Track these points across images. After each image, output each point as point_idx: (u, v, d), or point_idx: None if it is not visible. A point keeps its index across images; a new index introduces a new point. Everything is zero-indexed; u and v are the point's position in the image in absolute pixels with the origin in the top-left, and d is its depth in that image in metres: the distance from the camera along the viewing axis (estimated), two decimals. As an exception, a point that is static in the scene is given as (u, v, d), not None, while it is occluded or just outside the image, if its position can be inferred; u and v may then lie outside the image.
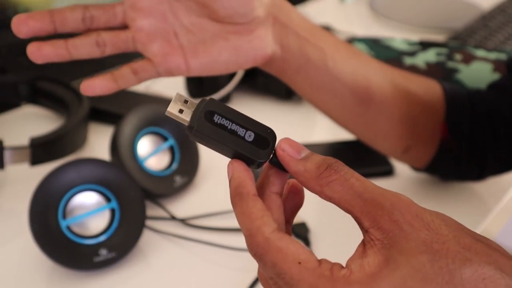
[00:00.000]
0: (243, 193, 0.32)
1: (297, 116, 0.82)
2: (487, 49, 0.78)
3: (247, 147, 0.33)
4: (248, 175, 0.33)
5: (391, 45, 0.79)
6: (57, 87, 0.77)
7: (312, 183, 0.32)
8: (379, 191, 0.31)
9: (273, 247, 0.30)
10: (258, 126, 0.34)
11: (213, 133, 0.33)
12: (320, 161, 0.32)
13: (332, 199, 0.32)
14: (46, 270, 0.55)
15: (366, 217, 0.30)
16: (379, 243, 0.30)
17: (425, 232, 0.29)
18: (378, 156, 0.71)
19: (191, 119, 0.33)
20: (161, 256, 0.57)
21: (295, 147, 0.33)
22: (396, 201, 0.30)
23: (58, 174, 0.54)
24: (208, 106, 0.33)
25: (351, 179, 0.31)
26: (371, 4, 1.23)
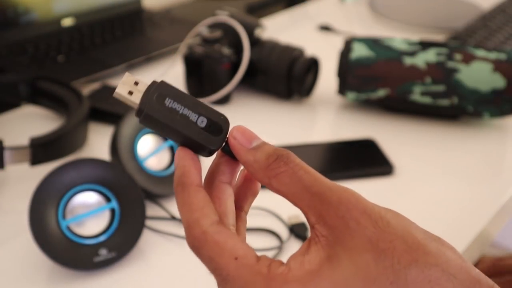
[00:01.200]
0: (186, 183, 0.30)
1: (297, 116, 0.82)
2: (487, 49, 0.78)
3: (198, 133, 0.31)
4: (193, 164, 0.31)
5: (391, 45, 0.79)
6: (57, 87, 0.77)
7: (261, 174, 0.31)
8: (328, 185, 0.29)
9: (210, 241, 0.29)
10: (211, 112, 0.32)
11: (163, 117, 0.31)
12: (271, 151, 0.31)
13: (280, 192, 0.30)
14: (46, 270, 0.55)
15: (312, 211, 0.29)
16: (323, 240, 0.28)
17: (371, 229, 0.28)
18: (378, 156, 0.71)
19: (141, 101, 0.31)
20: (161, 256, 0.57)
21: (247, 135, 0.32)
22: (344, 196, 0.29)
23: (58, 174, 0.54)
24: (160, 88, 0.31)
25: (299, 172, 0.30)
26: (371, 4, 1.23)
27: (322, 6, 1.25)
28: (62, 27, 1.00)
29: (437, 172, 0.71)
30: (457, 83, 0.76)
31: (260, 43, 0.84)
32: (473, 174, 0.70)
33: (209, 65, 0.80)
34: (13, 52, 0.92)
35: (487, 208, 0.65)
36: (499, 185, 0.68)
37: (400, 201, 0.65)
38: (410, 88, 0.77)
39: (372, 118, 0.82)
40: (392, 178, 0.69)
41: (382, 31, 1.12)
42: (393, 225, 0.28)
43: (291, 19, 1.18)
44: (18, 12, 0.95)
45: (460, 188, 0.68)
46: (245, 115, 0.82)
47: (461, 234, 0.61)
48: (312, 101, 0.86)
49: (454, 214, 0.64)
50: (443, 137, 0.78)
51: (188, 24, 1.07)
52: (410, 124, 0.80)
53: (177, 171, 0.31)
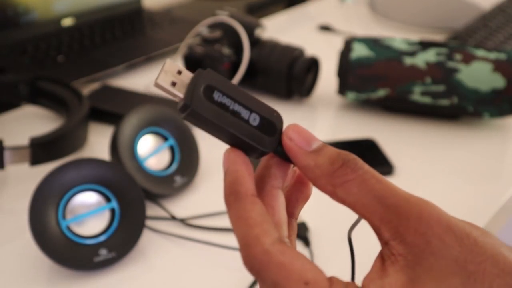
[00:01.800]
0: (240, 192, 0.27)
1: (297, 116, 0.82)
2: (487, 49, 0.78)
3: (251, 133, 0.27)
4: (247, 169, 0.28)
5: (391, 45, 0.79)
6: (57, 87, 0.77)
7: (323, 181, 0.27)
8: (404, 196, 0.26)
9: (274, 262, 0.25)
10: (264, 108, 0.28)
11: (212, 114, 0.27)
12: (334, 155, 0.27)
13: (346, 202, 0.27)
14: (46, 270, 0.55)
15: (386, 226, 0.26)
16: (401, 259, 0.25)
17: (457, 249, 0.24)
18: (378, 156, 0.71)
19: (185, 95, 0.27)
20: (161, 256, 0.57)
21: (305, 136, 0.28)
22: (425, 209, 0.25)
23: (58, 174, 0.54)
24: (207, 79, 0.27)
25: (370, 180, 0.26)
26: (371, 4, 1.23)
27: (322, 6, 1.25)
28: (62, 27, 1.01)
29: (437, 172, 0.71)
30: (457, 83, 0.76)
31: (260, 43, 0.84)
32: (473, 174, 0.70)
33: (209, 65, 0.80)
34: (13, 52, 0.92)
35: (487, 208, 0.65)
36: (499, 185, 0.68)
37: (400, 201, 0.65)
38: (410, 88, 0.77)
39: (372, 118, 0.82)
40: (392, 178, 0.69)
41: (382, 31, 1.12)
42: (481, 243, 0.25)
43: (291, 19, 1.18)
44: (18, 12, 0.95)
45: (460, 188, 0.68)
46: (245, 115, 0.82)
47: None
48: (312, 101, 0.86)
49: (454, 214, 0.64)
50: (443, 137, 0.78)
51: (188, 24, 1.07)
52: (410, 124, 0.80)
53: (228, 177, 0.28)
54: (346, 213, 0.63)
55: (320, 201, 0.66)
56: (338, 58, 0.80)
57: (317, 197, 0.66)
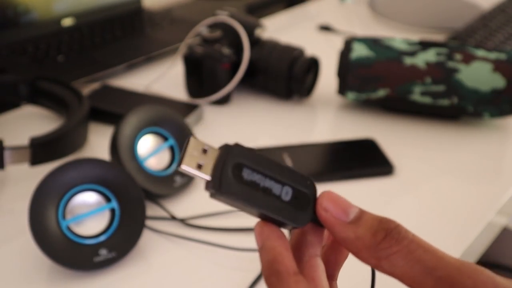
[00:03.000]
0: (282, 272, 0.25)
1: (297, 116, 0.82)
2: (487, 49, 0.78)
3: (284, 210, 0.26)
4: (284, 245, 0.26)
5: (391, 45, 0.79)
6: (57, 87, 0.77)
7: (366, 254, 0.26)
8: (455, 266, 0.25)
9: None
10: (296, 178, 0.27)
11: (243, 195, 0.25)
12: (375, 225, 0.26)
13: (393, 275, 0.26)
14: (46, 270, 0.55)
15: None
16: None
17: None
18: (378, 156, 0.71)
19: (213, 176, 0.25)
20: (161, 256, 0.57)
21: (341, 205, 0.27)
22: (479, 278, 0.24)
23: (58, 174, 0.54)
24: (235, 157, 0.25)
25: (417, 251, 0.25)
26: (371, 4, 1.23)
27: (322, 6, 1.25)
28: (62, 27, 1.00)
29: (437, 172, 0.71)
30: (457, 83, 0.76)
31: (260, 43, 0.84)
32: (473, 174, 0.70)
33: (209, 65, 0.80)
34: (13, 52, 0.92)
35: (487, 208, 0.65)
36: (499, 185, 0.68)
37: (400, 201, 0.65)
38: (410, 88, 0.77)
39: (372, 118, 0.82)
40: (392, 178, 0.69)
41: (382, 31, 1.12)
42: None
43: (291, 19, 1.18)
44: (18, 12, 0.95)
45: (460, 188, 0.68)
46: (245, 115, 0.82)
47: (462, 234, 0.61)
48: (312, 101, 0.86)
49: (454, 214, 0.64)
50: (443, 137, 0.78)
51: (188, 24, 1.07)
52: (410, 124, 0.80)
53: (265, 255, 0.26)
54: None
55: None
56: (338, 58, 0.80)
57: (317, 197, 0.66)
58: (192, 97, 0.84)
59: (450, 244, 0.59)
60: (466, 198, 0.66)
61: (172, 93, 0.86)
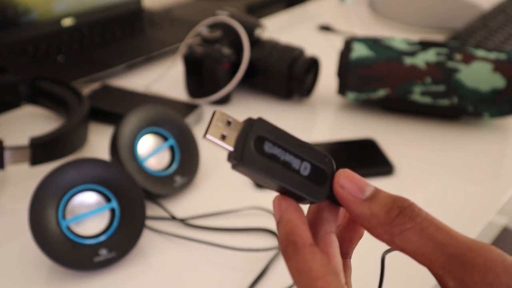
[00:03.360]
0: (298, 243, 0.26)
1: (297, 116, 0.82)
2: (487, 49, 0.78)
3: (302, 184, 0.27)
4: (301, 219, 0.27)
5: (391, 45, 0.79)
6: (57, 87, 0.77)
7: (380, 230, 0.27)
8: (466, 244, 0.25)
9: None
10: (315, 155, 0.28)
11: (263, 167, 0.26)
12: (390, 202, 0.27)
13: (405, 251, 0.26)
14: (46, 270, 0.55)
15: (450, 276, 0.25)
16: None
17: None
18: (378, 156, 0.71)
19: (235, 148, 0.26)
20: (161, 256, 0.57)
21: (357, 183, 0.27)
22: (489, 257, 0.25)
23: (58, 174, 0.54)
24: (258, 130, 0.26)
25: (429, 228, 0.26)
26: (371, 4, 1.23)
27: (322, 6, 1.25)
28: (62, 27, 1.00)
29: (437, 172, 0.71)
30: (457, 83, 0.76)
31: (260, 43, 0.84)
32: (473, 174, 0.70)
33: (209, 65, 0.80)
34: (13, 52, 0.92)
35: (487, 208, 0.65)
36: (499, 185, 0.68)
37: (400, 201, 0.65)
38: (410, 88, 0.77)
39: (372, 118, 0.82)
40: (392, 178, 0.69)
41: (382, 31, 1.12)
42: None
43: (291, 19, 1.18)
44: (18, 12, 0.95)
45: (460, 188, 0.68)
46: (245, 115, 0.82)
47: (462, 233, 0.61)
48: (312, 101, 0.86)
49: (454, 214, 0.64)
50: (443, 137, 0.78)
51: (188, 24, 1.07)
52: (410, 124, 0.80)
53: (282, 228, 0.27)
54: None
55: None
56: (338, 58, 0.80)
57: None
58: (192, 97, 0.84)
59: None
60: (466, 198, 0.66)
61: (172, 93, 0.86)
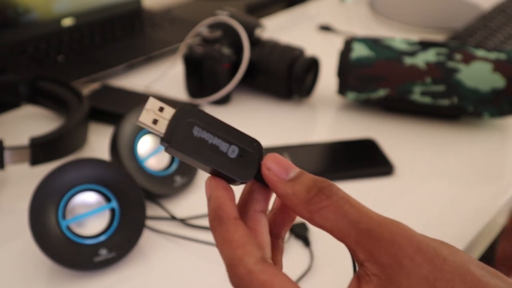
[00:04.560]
0: (223, 216, 0.29)
1: (297, 116, 0.82)
2: (487, 49, 0.78)
3: (229, 166, 0.29)
4: (228, 195, 0.29)
5: (391, 45, 0.79)
6: (57, 87, 0.77)
7: (301, 208, 0.29)
8: (376, 220, 0.28)
9: (256, 280, 0.27)
10: (243, 139, 0.30)
11: (191, 150, 0.29)
12: (311, 183, 0.29)
13: (323, 227, 0.28)
14: (46, 270, 0.55)
15: (361, 249, 0.27)
16: (375, 279, 0.27)
17: (427, 267, 0.26)
18: (378, 156, 0.71)
19: (166, 132, 0.29)
20: (161, 256, 0.57)
21: (283, 165, 0.30)
22: (396, 231, 0.27)
23: (58, 174, 0.54)
24: (187, 116, 0.29)
25: (344, 206, 0.28)
26: (371, 4, 1.23)
27: (322, 6, 1.25)
28: (62, 27, 1.00)
29: (437, 172, 0.71)
30: (457, 83, 0.76)
31: (260, 43, 0.84)
32: (473, 174, 0.70)
33: (209, 65, 0.80)
34: (13, 52, 0.92)
35: (487, 208, 0.65)
36: (499, 185, 0.68)
37: (400, 201, 0.65)
38: (410, 88, 0.77)
39: (372, 118, 0.82)
40: (392, 178, 0.69)
41: (382, 31, 1.12)
42: (450, 262, 0.27)
43: (291, 19, 1.18)
44: (18, 12, 0.95)
45: (460, 188, 0.68)
46: (245, 115, 0.82)
47: (462, 234, 0.61)
48: (312, 101, 0.86)
49: (454, 214, 0.64)
50: (443, 137, 0.78)
51: (188, 24, 1.07)
52: (410, 124, 0.80)
53: (210, 203, 0.30)
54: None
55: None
56: (338, 58, 0.80)
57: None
58: (192, 97, 0.84)
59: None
60: (466, 197, 0.66)
61: (172, 93, 0.86)
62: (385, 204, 0.65)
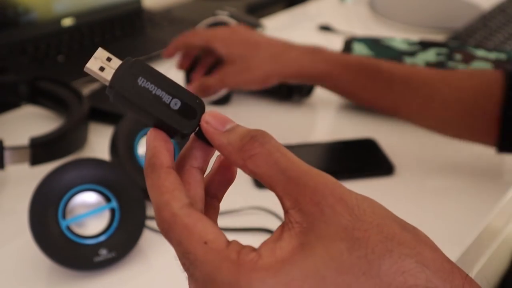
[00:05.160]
0: (156, 164, 0.29)
1: (297, 116, 0.82)
2: (487, 49, 0.78)
3: (170, 115, 0.30)
4: (165, 146, 0.30)
5: (391, 45, 0.79)
6: (57, 87, 0.77)
7: (235, 156, 0.29)
8: (304, 169, 0.28)
9: (179, 223, 0.28)
10: (186, 95, 0.31)
11: (134, 96, 0.30)
12: (244, 132, 0.30)
13: (255, 175, 0.29)
14: (46, 270, 0.55)
15: (287, 196, 0.28)
16: (297, 226, 0.27)
17: (347, 217, 0.27)
18: (378, 156, 0.71)
19: (112, 78, 0.30)
20: (161, 256, 0.57)
21: (220, 119, 0.31)
22: (321, 181, 0.28)
23: (58, 174, 0.54)
24: (133, 67, 0.30)
25: (275, 154, 0.29)
26: (371, 4, 1.23)
27: (322, 6, 1.25)
28: (62, 27, 1.00)
29: (437, 172, 0.71)
30: (457, 83, 0.75)
31: (260, 43, 0.84)
32: (473, 174, 0.70)
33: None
34: (13, 52, 0.92)
35: (487, 208, 0.65)
36: (499, 185, 0.68)
37: (400, 201, 0.65)
38: (410, 88, 0.77)
39: (372, 118, 0.82)
40: (392, 178, 0.69)
41: (382, 31, 1.12)
42: (369, 213, 0.28)
43: (291, 19, 1.18)
44: (18, 12, 0.95)
45: (460, 188, 0.68)
46: (245, 115, 0.82)
47: (462, 234, 0.61)
48: (312, 101, 0.86)
49: (454, 214, 0.64)
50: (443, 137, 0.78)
51: (188, 24, 1.07)
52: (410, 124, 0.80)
53: (147, 152, 0.30)
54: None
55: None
56: (338, 58, 0.80)
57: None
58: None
59: (450, 244, 0.59)
60: (466, 197, 0.66)
61: (172, 93, 0.86)
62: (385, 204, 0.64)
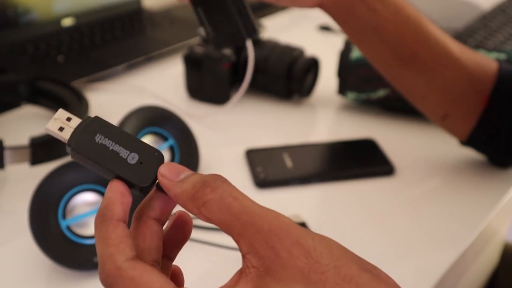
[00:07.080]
0: (107, 215, 0.30)
1: (297, 116, 0.82)
2: (487, 49, 0.77)
3: (127, 170, 0.31)
4: (119, 198, 0.30)
5: (391, 45, 0.79)
6: (57, 87, 0.77)
7: (190, 205, 0.29)
8: (258, 213, 0.28)
9: (124, 276, 0.27)
10: (144, 149, 0.31)
11: (91, 153, 0.31)
12: (197, 179, 0.30)
13: (210, 221, 0.29)
14: (46, 270, 0.55)
15: (243, 241, 0.28)
16: (254, 271, 0.28)
17: (303, 260, 0.27)
18: (378, 156, 0.71)
19: (70, 137, 0.32)
20: (161, 256, 0.57)
21: (174, 169, 0.31)
22: (275, 224, 0.28)
23: (58, 174, 0.54)
24: (91, 124, 0.32)
25: (227, 198, 0.28)
26: (371, 4, 1.23)
27: (322, 6, 1.25)
28: (62, 27, 1.00)
29: (437, 172, 0.71)
30: (457, 83, 0.75)
31: (260, 43, 0.84)
32: (473, 174, 0.70)
33: (209, 65, 0.80)
34: (13, 52, 0.92)
35: (487, 208, 0.65)
36: (499, 185, 0.68)
37: (400, 201, 0.65)
38: (410, 88, 0.77)
39: (372, 118, 0.82)
40: (392, 178, 0.69)
41: (382, 31, 1.12)
42: (327, 255, 0.27)
43: (291, 19, 1.18)
44: (18, 12, 0.95)
45: (460, 187, 0.68)
46: (245, 115, 0.82)
47: (462, 234, 0.61)
48: (312, 101, 0.86)
49: (455, 214, 0.64)
50: (443, 137, 0.78)
51: (188, 24, 1.07)
52: (410, 124, 0.80)
53: (102, 202, 0.30)
54: (346, 214, 0.63)
55: (320, 202, 0.66)
56: (338, 58, 0.80)
57: (317, 198, 0.66)
58: (192, 97, 0.84)
59: (450, 244, 0.59)
60: (466, 197, 0.66)
61: (172, 93, 0.86)
62: (385, 204, 0.65)
